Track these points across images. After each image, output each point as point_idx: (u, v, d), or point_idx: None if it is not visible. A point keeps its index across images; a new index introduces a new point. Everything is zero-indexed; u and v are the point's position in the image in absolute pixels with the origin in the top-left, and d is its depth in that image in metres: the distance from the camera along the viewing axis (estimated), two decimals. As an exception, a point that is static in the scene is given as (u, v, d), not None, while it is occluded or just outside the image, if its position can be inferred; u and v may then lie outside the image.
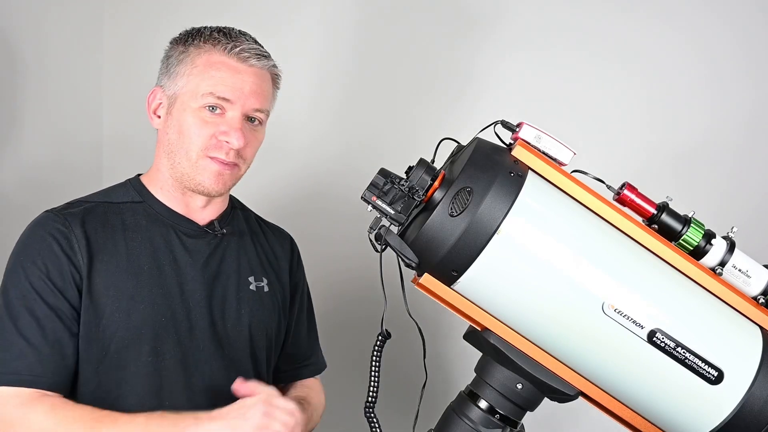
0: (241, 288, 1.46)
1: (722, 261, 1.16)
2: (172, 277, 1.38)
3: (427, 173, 1.10)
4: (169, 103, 1.40)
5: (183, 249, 1.41)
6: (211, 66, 1.37)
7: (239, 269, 1.47)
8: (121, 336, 1.32)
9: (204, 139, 1.36)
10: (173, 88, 1.39)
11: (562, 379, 1.14)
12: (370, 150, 2.14)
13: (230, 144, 1.36)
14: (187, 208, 1.44)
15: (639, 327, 1.07)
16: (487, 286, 1.09)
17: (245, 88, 1.37)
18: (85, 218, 1.35)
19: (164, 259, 1.39)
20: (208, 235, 1.45)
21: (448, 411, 1.19)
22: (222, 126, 1.36)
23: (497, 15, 2.07)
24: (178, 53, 1.40)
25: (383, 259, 1.13)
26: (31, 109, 2.04)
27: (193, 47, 1.39)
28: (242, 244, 1.50)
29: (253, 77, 1.39)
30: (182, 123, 1.37)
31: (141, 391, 1.33)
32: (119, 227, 1.38)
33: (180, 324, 1.36)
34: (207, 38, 1.39)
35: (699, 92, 1.95)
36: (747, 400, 1.08)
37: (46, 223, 1.34)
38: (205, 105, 1.36)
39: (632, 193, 1.17)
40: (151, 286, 1.36)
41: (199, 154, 1.36)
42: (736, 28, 1.92)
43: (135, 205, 1.42)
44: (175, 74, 1.39)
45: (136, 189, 1.44)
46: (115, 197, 1.43)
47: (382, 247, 1.10)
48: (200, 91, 1.36)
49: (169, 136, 1.39)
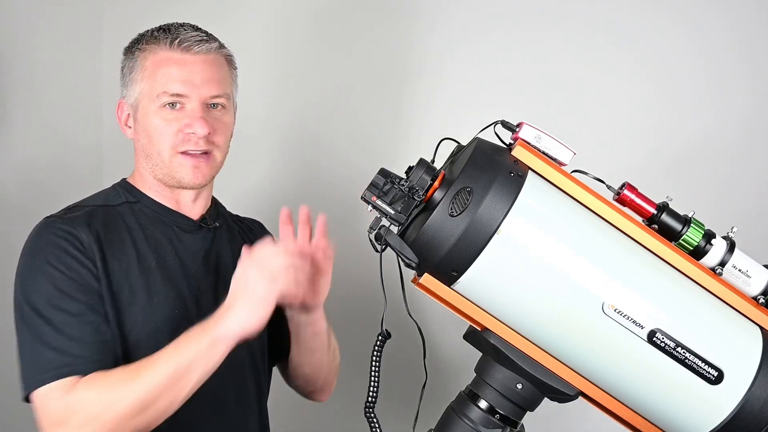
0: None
1: (722, 261, 1.16)
2: (177, 272, 1.40)
3: (427, 173, 1.10)
4: (133, 110, 1.42)
5: (182, 244, 1.43)
6: (159, 65, 1.39)
7: (234, 261, 1.43)
8: (139, 330, 1.33)
9: (170, 137, 1.38)
10: (133, 96, 1.42)
11: (562, 379, 1.14)
12: (370, 150, 2.13)
13: (196, 133, 1.37)
14: (178, 204, 1.46)
15: (639, 327, 1.07)
16: (487, 286, 1.09)
17: (195, 78, 1.38)
18: (90, 220, 1.36)
19: (168, 255, 1.41)
20: (202, 229, 1.47)
21: (448, 411, 1.19)
22: (184, 119, 1.38)
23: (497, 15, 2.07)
24: (129, 62, 1.43)
25: (383, 259, 1.13)
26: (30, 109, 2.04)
27: (139, 51, 1.41)
28: (232, 236, 1.52)
29: (201, 65, 1.40)
30: (148, 126, 1.40)
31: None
32: (122, 227, 1.40)
33: (191, 317, 1.36)
34: (149, 39, 1.41)
35: (699, 92, 1.95)
36: (747, 400, 1.08)
37: (53, 227, 1.34)
38: (163, 104, 1.38)
39: (632, 193, 1.17)
40: (161, 282, 1.37)
41: (170, 153, 1.39)
42: (736, 27, 1.92)
43: (131, 206, 1.44)
44: (131, 82, 1.42)
45: (127, 190, 1.46)
46: (110, 200, 1.44)
47: (382, 247, 1.11)
48: (155, 93, 1.38)
49: (141, 142, 1.42)
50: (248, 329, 1.22)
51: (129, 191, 1.46)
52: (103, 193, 1.48)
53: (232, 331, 1.21)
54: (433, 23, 2.11)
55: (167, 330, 1.33)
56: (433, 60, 2.11)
